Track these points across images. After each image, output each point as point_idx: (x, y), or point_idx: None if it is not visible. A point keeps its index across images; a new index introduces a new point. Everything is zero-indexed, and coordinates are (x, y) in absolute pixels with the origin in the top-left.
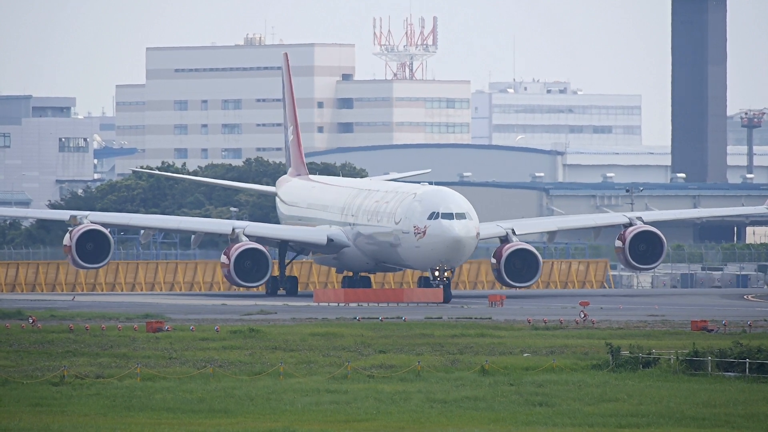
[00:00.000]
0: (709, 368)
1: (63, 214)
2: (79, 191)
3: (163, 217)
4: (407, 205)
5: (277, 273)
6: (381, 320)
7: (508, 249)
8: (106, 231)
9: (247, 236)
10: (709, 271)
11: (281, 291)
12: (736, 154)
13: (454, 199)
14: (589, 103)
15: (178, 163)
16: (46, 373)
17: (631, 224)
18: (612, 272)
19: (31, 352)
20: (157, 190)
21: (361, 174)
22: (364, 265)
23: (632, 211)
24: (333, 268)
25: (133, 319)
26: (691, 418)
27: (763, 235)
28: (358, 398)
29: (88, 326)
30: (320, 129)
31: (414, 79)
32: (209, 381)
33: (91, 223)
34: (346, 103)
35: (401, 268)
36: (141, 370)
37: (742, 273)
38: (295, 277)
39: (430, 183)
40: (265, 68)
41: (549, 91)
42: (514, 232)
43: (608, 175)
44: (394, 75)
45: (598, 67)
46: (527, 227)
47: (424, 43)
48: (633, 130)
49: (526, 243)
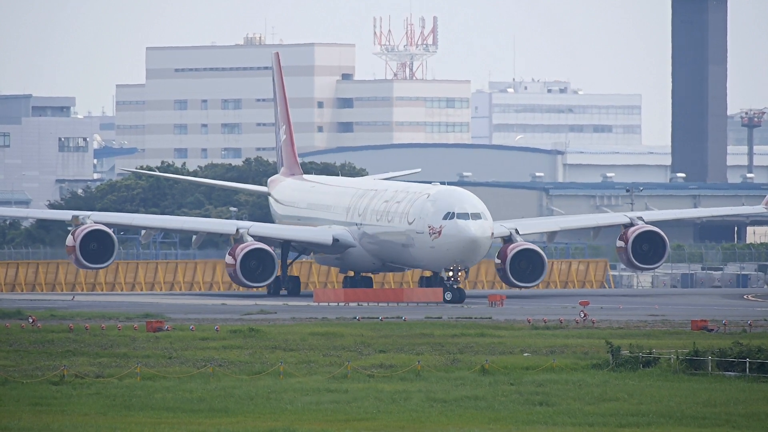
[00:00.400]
0: (710, 368)
1: (65, 214)
2: (79, 191)
3: (166, 217)
4: (421, 205)
5: (279, 273)
6: (381, 320)
7: (513, 249)
8: (110, 231)
9: (252, 236)
10: (710, 271)
11: (283, 291)
12: (736, 154)
13: (469, 199)
14: (589, 102)
15: (178, 163)
16: (46, 372)
17: (632, 224)
18: (612, 272)
19: (31, 352)
20: (157, 190)
21: (361, 174)
22: (370, 265)
23: (632, 210)
24: (333, 268)
25: (133, 318)
26: (692, 417)
27: (763, 235)
28: (358, 398)
29: (88, 326)
30: (320, 129)
31: (414, 78)
32: (209, 380)
33: (95, 223)
34: (346, 103)
35: (408, 268)
36: (141, 370)
37: (743, 273)
38: (298, 277)
39: (442, 183)
40: (265, 68)
41: (549, 91)
42: (517, 232)
43: (608, 174)
44: (394, 75)
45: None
46: (530, 227)
47: (424, 42)
48: (633, 130)
49: (531, 243)
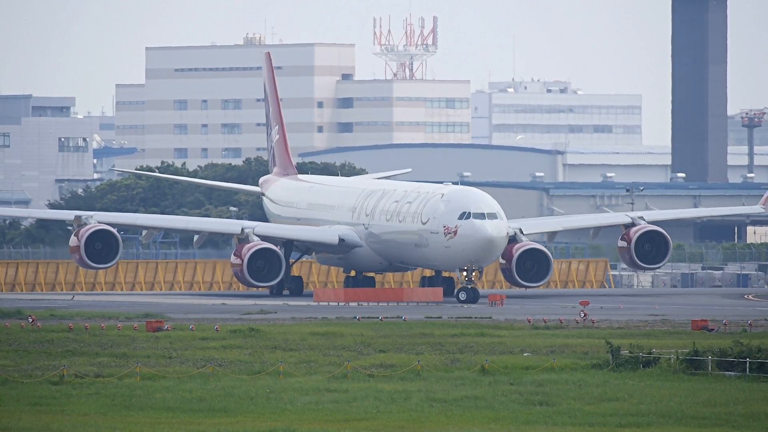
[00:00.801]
0: (710, 368)
1: (68, 215)
2: (79, 191)
3: (170, 217)
4: (435, 205)
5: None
6: (381, 320)
7: (519, 249)
8: (114, 231)
9: (257, 236)
10: (710, 271)
11: (285, 291)
12: (736, 154)
13: (484, 199)
14: (589, 102)
15: (178, 163)
16: (46, 372)
17: (633, 224)
18: (612, 272)
19: (31, 352)
20: (157, 190)
21: (361, 174)
22: (376, 265)
23: (632, 210)
24: (333, 268)
25: (133, 318)
26: (692, 417)
27: (763, 235)
28: (358, 397)
29: (88, 325)
30: (320, 129)
31: (414, 78)
32: (209, 380)
33: (99, 223)
34: (346, 103)
35: (413, 268)
36: (141, 370)
37: (743, 272)
38: (300, 278)
39: (454, 183)
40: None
41: (549, 91)
42: (521, 232)
43: (608, 174)
44: (394, 75)
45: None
46: (534, 227)
47: (424, 42)
48: (633, 130)
49: (537, 243)
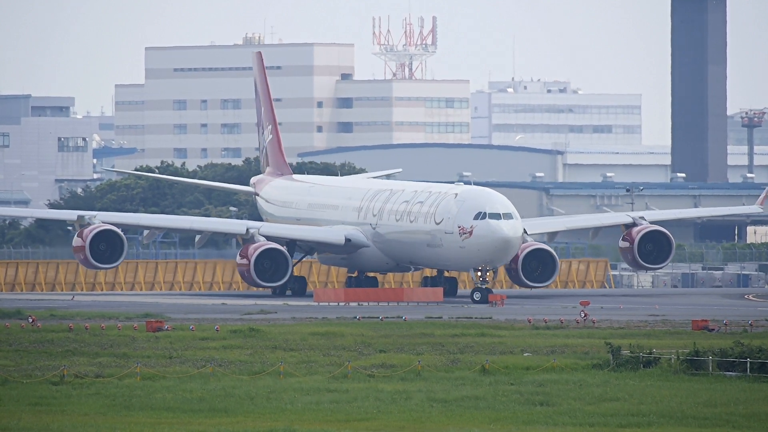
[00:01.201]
0: (710, 368)
1: (70, 215)
2: (79, 191)
3: (174, 217)
4: (449, 206)
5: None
6: (381, 320)
7: (524, 249)
8: (119, 231)
9: (263, 236)
10: (710, 271)
11: (288, 291)
12: (736, 154)
13: (499, 199)
14: (589, 102)
15: (178, 163)
16: (46, 372)
17: (635, 224)
18: (612, 272)
19: (31, 352)
20: (157, 190)
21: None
22: (383, 265)
23: (632, 210)
24: (333, 268)
25: (133, 318)
26: (692, 417)
27: (764, 235)
28: (359, 398)
29: (88, 326)
30: (319, 129)
31: (413, 78)
32: (209, 380)
33: (103, 223)
34: (345, 103)
35: (420, 268)
36: (141, 370)
37: (743, 272)
38: (304, 278)
39: (466, 183)
40: (265, 68)
41: (549, 91)
42: (526, 232)
43: (608, 174)
44: (394, 75)
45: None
46: (537, 227)
47: (424, 42)
48: (633, 130)
49: (543, 243)
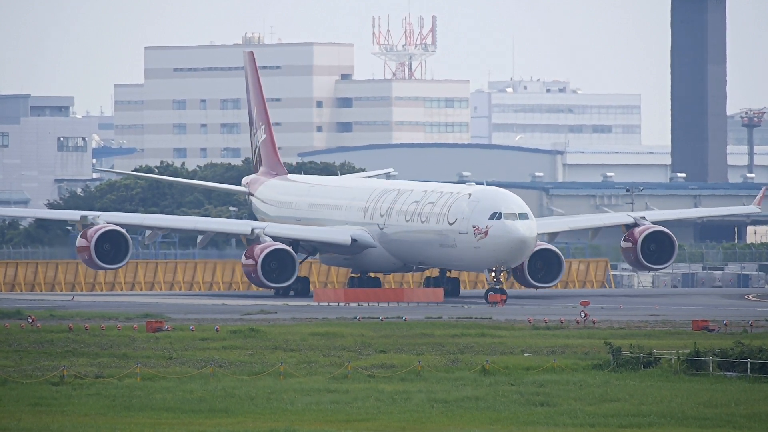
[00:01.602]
0: (711, 368)
1: (73, 215)
2: (78, 191)
3: (179, 217)
4: (463, 206)
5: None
6: (381, 320)
7: None
8: (124, 231)
9: (268, 236)
10: (710, 271)
11: (291, 292)
12: (736, 154)
13: (514, 199)
14: (589, 102)
15: (177, 163)
16: (46, 372)
17: (636, 224)
18: (612, 272)
19: (31, 352)
20: (157, 190)
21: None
22: (390, 265)
23: (632, 210)
24: (333, 268)
25: (133, 318)
26: (693, 418)
27: (764, 235)
28: (359, 398)
29: (88, 326)
30: (319, 128)
31: (413, 78)
32: (209, 381)
33: (107, 223)
34: (345, 103)
35: (426, 268)
36: (141, 370)
37: (743, 273)
38: (307, 278)
39: (479, 183)
40: (264, 68)
41: (548, 91)
42: None
43: (608, 174)
44: (393, 74)
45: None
46: (539, 227)
47: (423, 42)
48: (633, 130)
49: (547, 243)
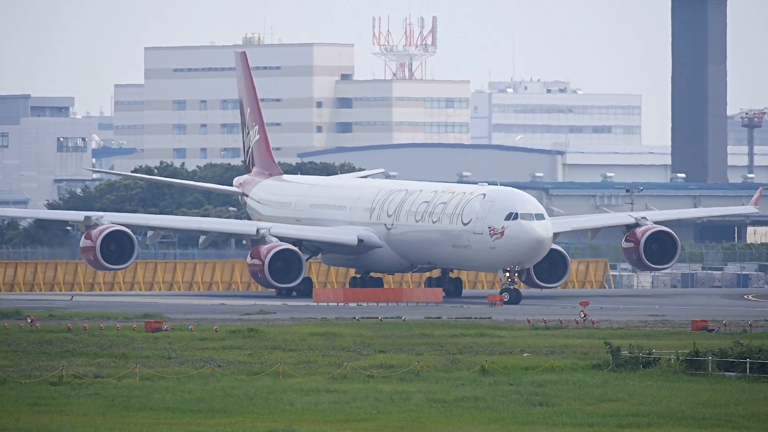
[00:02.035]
0: (710, 368)
1: (77, 215)
2: (78, 191)
3: (183, 218)
4: (477, 206)
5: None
6: (380, 320)
7: None
8: (129, 232)
9: (274, 237)
10: (710, 271)
11: (293, 292)
12: (736, 154)
13: (530, 200)
14: (589, 102)
15: (177, 163)
16: (45, 372)
17: (638, 224)
18: (612, 272)
19: (30, 352)
20: (156, 190)
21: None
22: (396, 266)
23: (632, 210)
24: (333, 268)
25: (132, 318)
26: (692, 418)
27: (763, 235)
28: (358, 398)
29: (87, 326)
30: (319, 129)
31: (413, 78)
32: (208, 381)
33: (112, 224)
34: (345, 103)
35: (434, 268)
36: (140, 370)
37: (743, 273)
38: (309, 278)
39: (491, 183)
40: (264, 68)
41: (549, 91)
42: None
43: (608, 174)
44: (394, 75)
45: (597, 67)
46: None
47: (424, 42)
48: (633, 130)
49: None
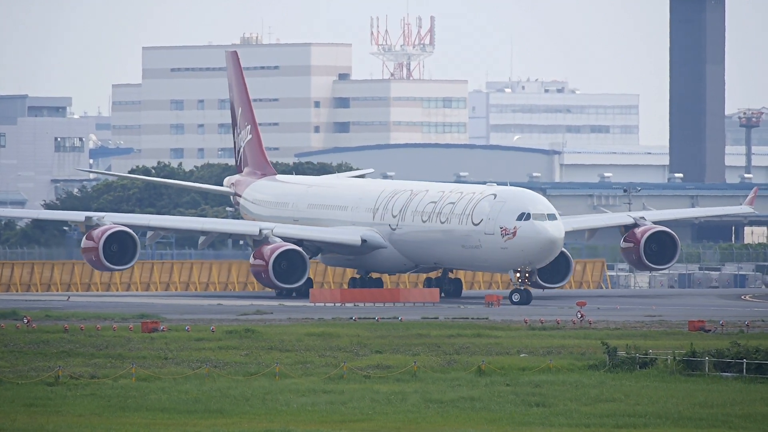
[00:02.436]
0: (707, 368)
1: (78, 215)
2: (75, 191)
3: (186, 218)
4: (488, 206)
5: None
6: (377, 320)
7: None
8: (132, 232)
9: (277, 237)
10: (707, 271)
11: (293, 293)
12: (734, 154)
13: (541, 200)
14: (587, 102)
15: (174, 163)
16: (41, 373)
17: (637, 225)
18: (609, 272)
19: (26, 353)
20: (153, 190)
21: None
22: (400, 266)
23: (630, 210)
24: (330, 268)
25: (129, 319)
26: (689, 418)
27: (761, 235)
28: (354, 399)
29: (83, 326)
30: (317, 129)
31: (411, 78)
32: (205, 381)
33: (114, 224)
34: (342, 103)
35: (438, 268)
36: (136, 371)
37: (740, 273)
38: (310, 279)
39: (501, 184)
40: (262, 68)
41: (546, 91)
42: None
43: (606, 174)
44: (391, 75)
45: (595, 67)
46: None
47: (422, 42)
48: (630, 130)
49: None
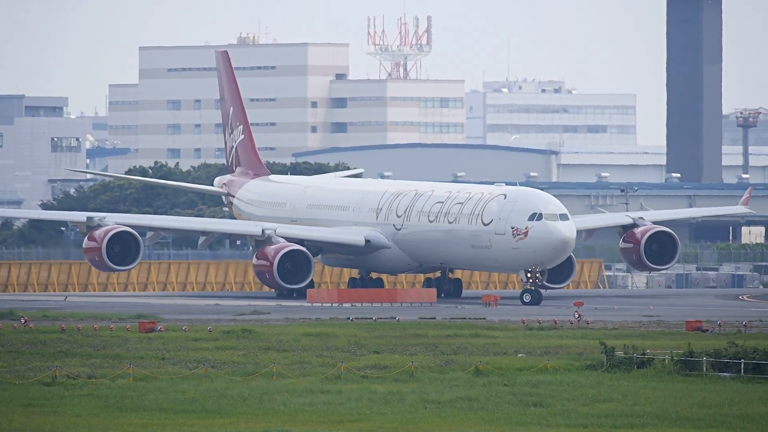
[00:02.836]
0: (704, 369)
1: (78, 216)
2: (72, 191)
3: (187, 219)
4: (499, 206)
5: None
6: (375, 320)
7: None
8: (134, 233)
9: (281, 237)
10: (705, 271)
11: (294, 293)
12: (731, 154)
13: (552, 200)
14: (584, 102)
15: (171, 163)
16: (39, 373)
17: (636, 225)
18: (606, 272)
19: (24, 353)
20: (150, 190)
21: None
22: (404, 266)
23: (627, 210)
24: (327, 268)
25: (126, 319)
26: (686, 418)
27: (758, 235)
28: (352, 399)
29: (81, 326)
30: (314, 129)
31: (408, 78)
32: (202, 381)
33: (116, 224)
34: (339, 103)
35: (443, 268)
36: (133, 371)
37: (738, 273)
38: (312, 279)
39: (508, 183)
40: (259, 68)
41: (543, 91)
42: None
43: (603, 174)
44: (388, 74)
45: (592, 67)
46: None
47: (418, 42)
48: (628, 130)
49: None
